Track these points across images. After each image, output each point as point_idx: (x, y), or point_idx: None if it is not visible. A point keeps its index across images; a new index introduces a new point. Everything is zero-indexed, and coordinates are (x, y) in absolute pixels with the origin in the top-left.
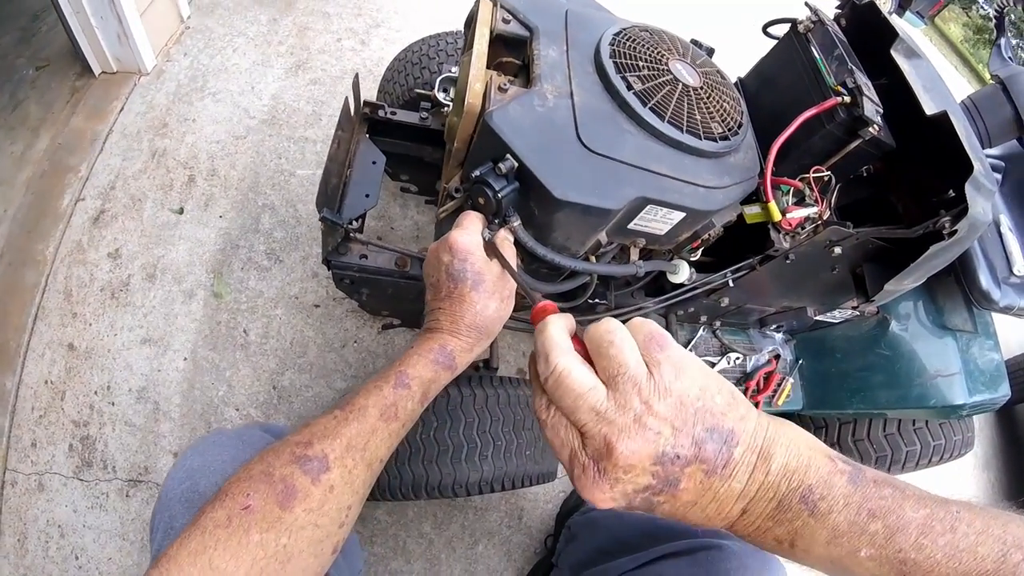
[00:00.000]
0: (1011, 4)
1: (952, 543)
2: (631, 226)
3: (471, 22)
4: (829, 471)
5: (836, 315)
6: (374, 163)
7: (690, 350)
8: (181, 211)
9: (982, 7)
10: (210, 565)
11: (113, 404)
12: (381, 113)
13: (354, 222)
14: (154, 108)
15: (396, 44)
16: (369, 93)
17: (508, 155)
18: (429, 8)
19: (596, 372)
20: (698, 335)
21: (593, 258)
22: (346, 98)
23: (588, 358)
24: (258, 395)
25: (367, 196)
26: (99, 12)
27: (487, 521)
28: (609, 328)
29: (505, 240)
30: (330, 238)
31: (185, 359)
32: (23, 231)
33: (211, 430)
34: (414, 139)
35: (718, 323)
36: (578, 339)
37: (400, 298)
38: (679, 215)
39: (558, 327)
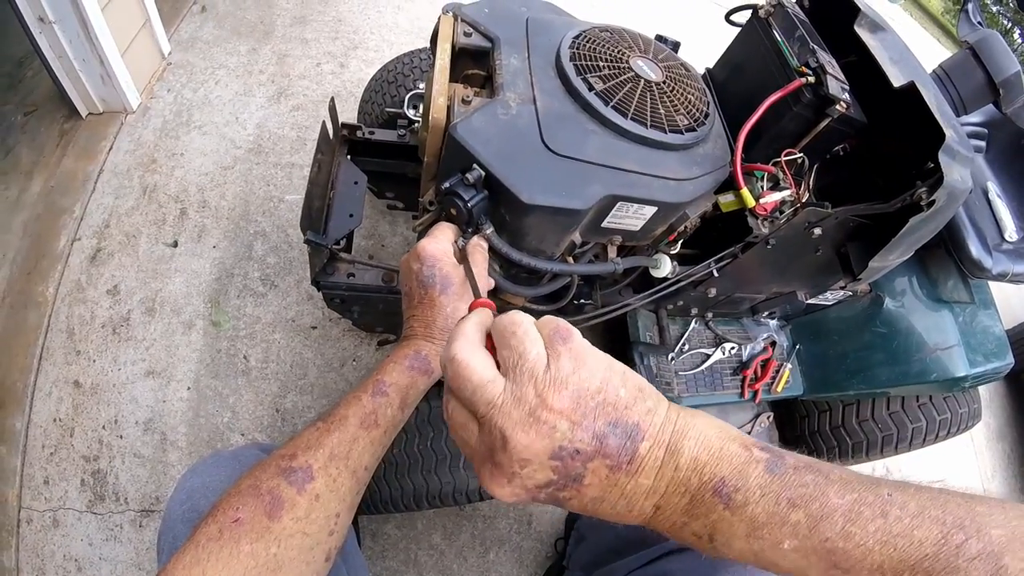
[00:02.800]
0: None
1: (884, 528)
2: (604, 224)
3: (436, 38)
4: (743, 461)
5: (828, 297)
6: (356, 183)
7: (683, 343)
8: (175, 244)
9: None
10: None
11: (121, 437)
12: (359, 134)
13: (340, 242)
14: (142, 145)
15: (375, 65)
16: (350, 115)
17: (475, 165)
18: (405, 26)
19: (499, 366)
20: (691, 328)
21: (571, 259)
22: (323, 122)
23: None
24: (262, 419)
25: (351, 216)
26: (81, 55)
27: (497, 528)
28: (513, 319)
29: (476, 246)
30: (316, 260)
31: (189, 389)
32: (22, 274)
33: (210, 452)
34: (395, 156)
35: (710, 314)
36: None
37: (391, 313)
38: (651, 209)
39: (471, 322)
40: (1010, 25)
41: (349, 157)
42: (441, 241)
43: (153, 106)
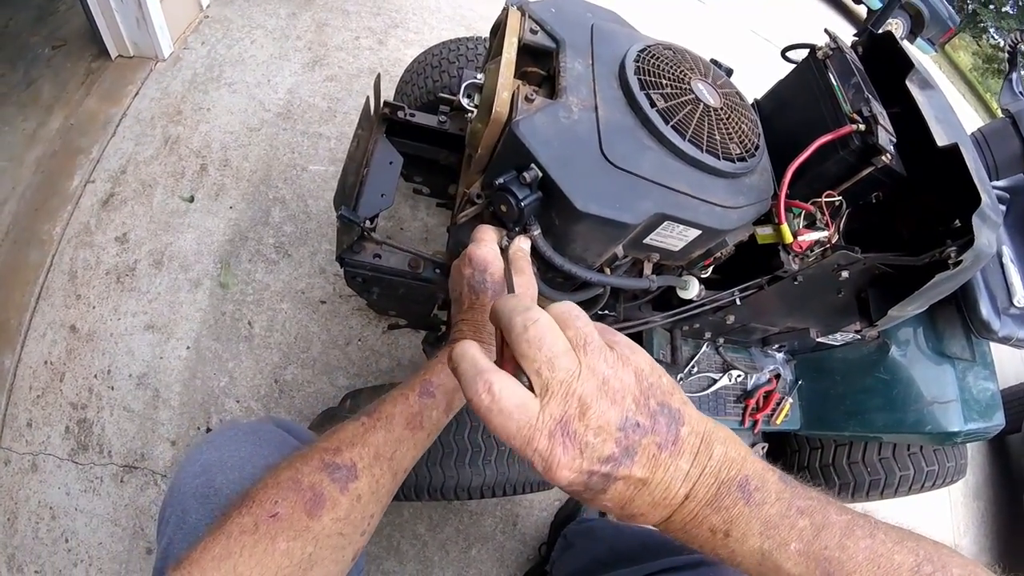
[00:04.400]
0: None
1: (872, 547)
2: (647, 241)
3: (498, 30)
4: (763, 467)
5: (838, 338)
6: (391, 164)
7: (693, 365)
8: (191, 199)
9: (992, 36)
10: (234, 571)
11: (113, 388)
12: (400, 114)
13: (368, 221)
14: (169, 95)
15: (413, 46)
16: (386, 93)
17: (533, 164)
18: (447, 12)
19: None
20: (701, 351)
21: (608, 270)
22: (367, 97)
23: None
24: (259, 388)
25: (383, 196)
26: None
27: (482, 526)
28: (572, 307)
29: (519, 249)
30: (345, 236)
31: (188, 348)
32: (30, 210)
33: (224, 422)
34: (431, 142)
35: (721, 340)
36: None
37: (409, 299)
38: (694, 232)
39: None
40: None
41: (386, 136)
42: (489, 244)
43: (185, 57)
